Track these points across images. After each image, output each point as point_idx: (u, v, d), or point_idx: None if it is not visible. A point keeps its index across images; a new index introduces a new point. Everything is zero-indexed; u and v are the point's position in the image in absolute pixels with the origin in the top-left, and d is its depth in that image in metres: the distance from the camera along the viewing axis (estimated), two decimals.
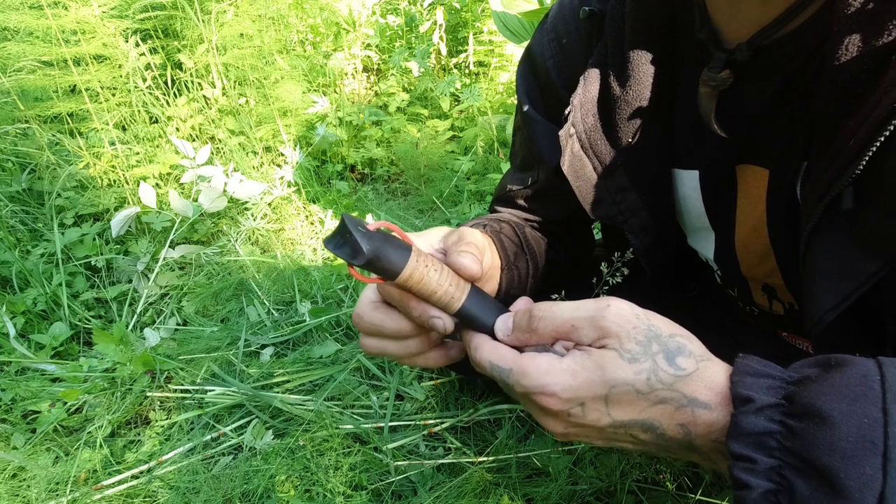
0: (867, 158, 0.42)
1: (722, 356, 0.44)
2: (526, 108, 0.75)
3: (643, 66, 0.59)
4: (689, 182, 0.66)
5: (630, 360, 0.41)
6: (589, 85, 0.64)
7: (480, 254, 0.54)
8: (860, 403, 0.34)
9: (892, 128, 0.41)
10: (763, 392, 0.37)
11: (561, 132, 0.67)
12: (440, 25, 2.64)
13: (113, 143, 1.98)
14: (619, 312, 0.43)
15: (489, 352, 0.47)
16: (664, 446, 0.42)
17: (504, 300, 0.69)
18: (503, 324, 0.49)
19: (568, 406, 0.42)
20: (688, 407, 0.40)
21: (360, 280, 0.54)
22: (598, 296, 0.75)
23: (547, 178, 0.75)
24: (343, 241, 0.47)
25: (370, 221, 0.52)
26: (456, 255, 0.52)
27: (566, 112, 0.66)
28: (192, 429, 1.26)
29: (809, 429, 0.34)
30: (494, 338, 0.50)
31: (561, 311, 0.45)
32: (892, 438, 0.32)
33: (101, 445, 1.21)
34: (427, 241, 0.57)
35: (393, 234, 0.51)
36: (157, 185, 1.99)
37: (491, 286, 0.65)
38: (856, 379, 0.35)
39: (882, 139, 0.41)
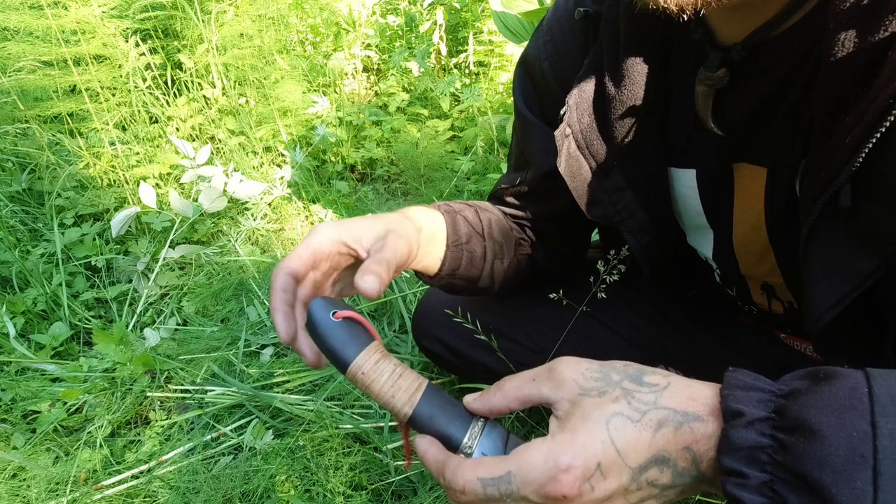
0: (864, 155, 0.42)
1: (720, 357, 0.44)
2: (521, 110, 0.76)
3: (638, 66, 0.59)
4: (686, 181, 0.66)
5: (599, 394, 0.41)
6: (584, 85, 0.64)
7: (390, 268, 0.53)
8: (849, 416, 0.34)
9: (888, 124, 0.41)
10: (753, 405, 0.37)
11: (557, 132, 0.67)
12: (440, 25, 2.64)
13: (113, 143, 1.98)
14: (569, 362, 0.44)
15: (473, 470, 0.41)
16: (681, 486, 0.40)
17: (447, 276, 0.71)
18: (471, 397, 0.48)
19: (587, 475, 0.39)
20: (685, 424, 0.39)
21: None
22: (595, 294, 0.76)
23: (534, 179, 0.76)
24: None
25: (343, 309, 0.50)
26: (359, 276, 0.51)
27: (562, 112, 0.66)
28: (192, 429, 1.26)
29: (800, 443, 0.34)
30: (453, 442, 0.46)
31: (523, 372, 0.46)
32: (881, 451, 0.32)
33: (101, 445, 1.21)
34: (349, 236, 0.57)
35: (361, 325, 0.50)
36: (157, 185, 1.99)
37: (430, 260, 0.68)
38: (844, 391, 0.35)
39: (878, 135, 0.41)
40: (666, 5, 0.46)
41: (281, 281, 0.54)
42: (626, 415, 0.40)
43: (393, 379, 0.47)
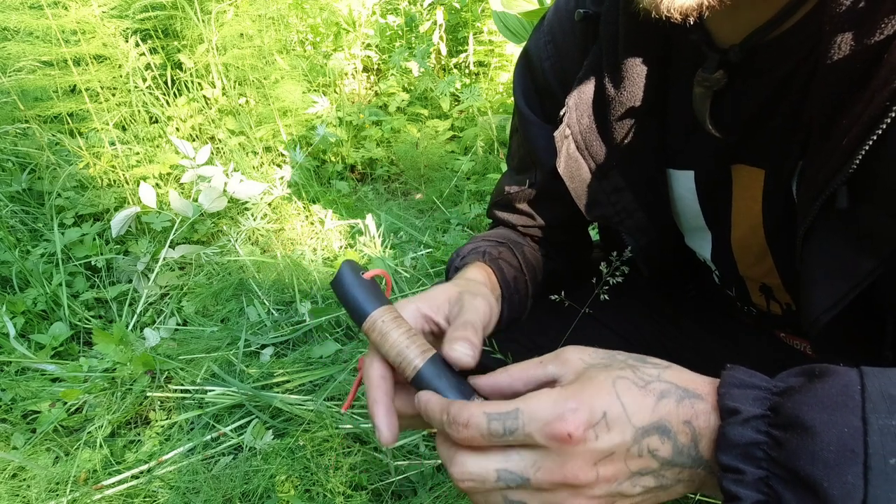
0: (860, 157, 0.43)
1: (720, 357, 0.44)
2: (522, 109, 0.76)
3: (637, 67, 0.59)
4: (684, 182, 0.66)
5: (606, 367, 0.42)
6: (584, 86, 0.64)
7: (476, 329, 0.51)
8: (841, 413, 0.34)
9: (884, 126, 0.41)
10: (749, 403, 0.38)
11: (556, 133, 0.67)
12: (440, 25, 2.64)
13: (113, 143, 1.98)
14: (575, 347, 0.45)
15: (479, 406, 0.41)
16: (679, 466, 0.40)
17: (504, 327, 0.70)
18: (476, 377, 0.48)
19: (593, 421, 0.38)
20: (686, 399, 0.40)
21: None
22: (598, 296, 0.76)
23: (544, 179, 0.75)
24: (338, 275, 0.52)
25: (369, 270, 0.53)
26: (447, 347, 0.49)
27: (561, 113, 0.66)
28: (192, 429, 1.26)
29: (794, 439, 0.35)
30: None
31: (531, 359, 0.46)
32: (871, 447, 0.33)
33: (101, 445, 1.21)
34: (428, 307, 0.55)
35: (381, 285, 0.53)
36: (157, 185, 1.99)
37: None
38: (837, 389, 0.35)
39: (875, 137, 0.41)
40: (669, 13, 0.46)
41: (378, 369, 0.50)
42: (631, 380, 0.40)
43: (409, 334, 0.48)
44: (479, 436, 0.40)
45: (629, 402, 0.39)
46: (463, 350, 0.48)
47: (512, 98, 0.81)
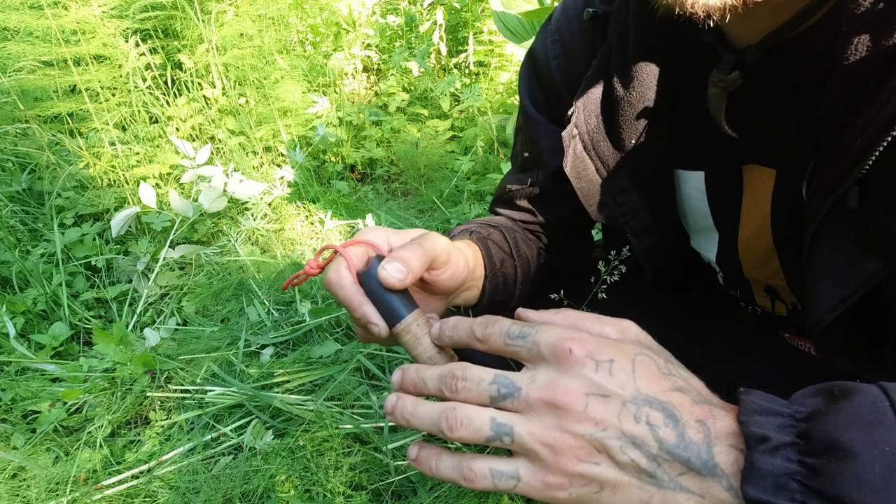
0: (873, 158, 0.42)
1: (722, 357, 0.44)
2: (528, 109, 0.75)
3: (647, 68, 0.59)
4: (693, 183, 0.66)
5: (649, 353, 0.42)
6: (592, 86, 0.64)
7: (417, 265, 0.50)
8: (878, 431, 0.32)
9: None
10: (776, 430, 0.35)
11: (564, 133, 0.67)
12: (440, 25, 2.64)
13: (113, 143, 1.98)
14: (636, 325, 0.45)
15: (503, 321, 0.43)
16: (684, 462, 0.37)
17: (486, 307, 0.70)
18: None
19: (598, 356, 0.38)
20: (704, 404, 0.38)
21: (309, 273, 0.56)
22: (596, 294, 0.76)
23: (546, 179, 0.75)
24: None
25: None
26: (386, 260, 0.49)
27: (569, 113, 0.66)
28: (192, 429, 1.26)
29: (832, 465, 0.32)
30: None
31: (588, 313, 0.46)
32: None
33: (101, 445, 1.21)
34: (397, 238, 0.55)
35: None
36: (157, 185, 1.99)
37: (472, 294, 0.67)
38: (866, 406, 0.34)
39: (889, 139, 0.41)
40: (693, 10, 0.45)
41: (349, 277, 0.51)
42: (655, 362, 0.39)
43: (425, 348, 0.50)
44: (499, 332, 0.42)
45: (641, 373, 0.39)
46: (393, 270, 0.49)
47: (512, 98, 0.81)
